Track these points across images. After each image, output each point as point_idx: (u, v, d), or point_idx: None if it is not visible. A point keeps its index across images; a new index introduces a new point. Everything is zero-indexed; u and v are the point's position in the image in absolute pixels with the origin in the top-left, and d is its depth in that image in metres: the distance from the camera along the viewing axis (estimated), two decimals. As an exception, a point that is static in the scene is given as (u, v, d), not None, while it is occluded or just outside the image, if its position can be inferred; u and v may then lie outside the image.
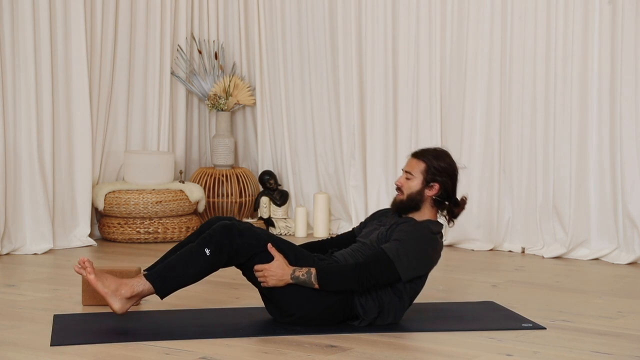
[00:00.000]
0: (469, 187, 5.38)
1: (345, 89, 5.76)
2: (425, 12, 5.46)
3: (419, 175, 3.42)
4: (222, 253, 3.21)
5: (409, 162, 3.47)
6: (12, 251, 5.02)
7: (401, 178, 3.46)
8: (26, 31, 5.06)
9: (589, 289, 4.26)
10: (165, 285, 3.24)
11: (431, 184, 3.42)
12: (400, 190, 3.45)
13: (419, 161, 3.44)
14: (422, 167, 3.43)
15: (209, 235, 3.23)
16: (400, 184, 3.45)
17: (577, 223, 5.02)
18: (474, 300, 3.92)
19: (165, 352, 3.03)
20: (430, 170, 3.42)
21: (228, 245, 3.21)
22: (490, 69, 5.29)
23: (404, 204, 3.44)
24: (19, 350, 3.04)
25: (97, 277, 3.23)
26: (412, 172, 3.43)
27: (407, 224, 3.38)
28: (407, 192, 3.43)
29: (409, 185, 3.43)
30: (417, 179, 3.42)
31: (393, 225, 3.40)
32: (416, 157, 3.46)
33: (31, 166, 5.11)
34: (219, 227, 3.24)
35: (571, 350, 3.10)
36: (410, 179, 3.43)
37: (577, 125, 5.01)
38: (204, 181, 5.92)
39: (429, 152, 3.47)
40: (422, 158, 3.44)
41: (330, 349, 3.08)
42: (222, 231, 3.22)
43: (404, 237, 3.31)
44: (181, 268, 3.21)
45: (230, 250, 3.22)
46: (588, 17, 4.96)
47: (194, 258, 3.21)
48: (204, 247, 3.20)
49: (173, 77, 5.93)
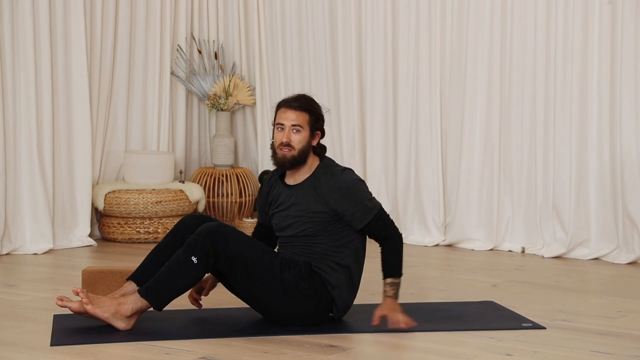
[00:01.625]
0: (469, 187, 5.39)
1: (345, 89, 5.76)
2: (425, 12, 5.46)
3: (306, 126, 3.36)
4: (209, 258, 3.21)
5: (289, 114, 3.34)
6: (12, 251, 5.02)
7: (288, 133, 3.34)
8: (26, 32, 5.06)
9: (588, 289, 4.26)
10: (159, 299, 3.24)
11: (315, 132, 3.40)
12: (289, 146, 3.34)
13: (302, 112, 3.35)
14: (305, 118, 3.36)
15: (193, 242, 3.20)
16: (289, 139, 3.34)
17: (577, 223, 5.02)
18: (474, 300, 3.92)
19: (165, 352, 3.03)
20: (313, 119, 3.38)
21: (212, 251, 3.20)
22: (490, 69, 5.29)
23: (295, 159, 3.35)
24: (19, 350, 3.04)
25: (93, 305, 3.22)
26: (301, 124, 3.35)
27: (335, 188, 3.32)
28: (298, 146, 3.34)
29: (299, 139, 3.35)
30: (305, 131, 3.36)
31: (316, 197, 3.33)
32: (296, 108, 3.35)
33: (31, 166, 5.11)
34: (203, 231, 3.21)
35: (571, 350, 3.10)
36: (299, 131, 3.35)
37: (577, 124, 5.01)
38: (203, 181, 5.92)
39: (305, 101, 3.38)
40: (304, 108, 3.36)
41: (330, 349, 3.08)
42: (205, 235, 3.20)
43: (358, 201, 3.32)
44: (172, 280, 3.21)
45: (215, 255, 3.21)
46: (588, 16, 4.96)
47: (182, 268, 3.20)
48: (190, 256, 3.19)
49: (173, 77, 5.93)
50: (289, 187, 3.44)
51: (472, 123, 5.36)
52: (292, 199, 3.40)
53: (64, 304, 3.26)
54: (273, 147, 3.40)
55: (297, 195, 3.39)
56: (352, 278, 3.39)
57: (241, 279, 3.26)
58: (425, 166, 5.53)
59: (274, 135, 3.41)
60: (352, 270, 3.39)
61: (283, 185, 3.46)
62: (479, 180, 5.36)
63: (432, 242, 5.47)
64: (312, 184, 3.38)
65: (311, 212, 3.35)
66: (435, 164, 5.49)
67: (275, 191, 3.47)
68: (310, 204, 3.36)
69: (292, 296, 3.28)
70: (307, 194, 3.37)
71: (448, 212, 5.50)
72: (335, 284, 3.35)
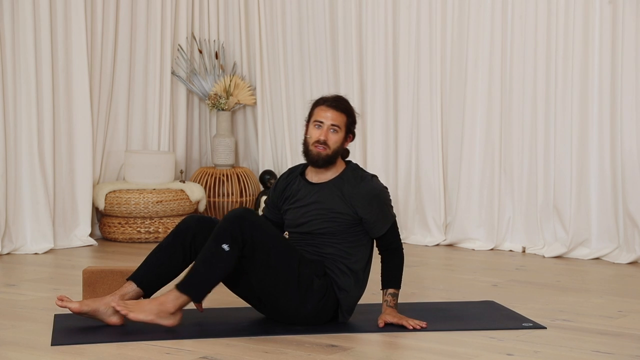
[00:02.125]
0: (470, 187, 5.39)
1: (346, 88, 5.75)
2: (426, 11, 5.46)
3: (343, 128, 3.38)
4: (238, 244, 3.19)
5: (329, 113, 3.36)
6: (12, 251, 5.02)
7: (326, 132, 3.35)
8: (27, 31, 5.06)
9: (589, 289, 4.26)
10: (198, 292, 3.23)
11: (349, 135, 3.42)
12: (325, 145, 3.35)
13: (341, 114, 3.37)
14: (344, 120, 3.38)
15: (222, 229, 3.19)
16: (326, 137, 3.35)
17: (578, 222, 5.02)
18: (474, 299, 3.92)
19: (165, 352, 3.03)
20: (350, 121, 3.40)
21: (240, 237, 3.19)
22: (491, 68, 5.29)
23: (330, 158, 3.37)
24: (20, 350, 3.04)
25: (134, 312, 3.22)
26: (339, 125, 3.37)
27: (364, 193, 3.34)
28: (333, 146, 3.36)
29: (335, 139, 3.37)
30: (342, 132, 3.38)
31: (341, 198, 3.35)
32: (336, 108, 3.37)
33: (32, 165, 5.11)
34: (231, 217, 3.21)
35: (572, 350, 3.10)
36: (336, 132, 3.37)
37: (578, 124, 5.01)
38: (204, 181, 5.92)
39: (345, 103, 3.41)
40: (343, 110, 3.38)
41: (330, 349, 3.08)
42: (233, 222, 3.19)
43: (383, 209, 3.37)
44: (207, 271, 3.20)
45: (242, 241, 3.20)
46: (589, 16, 4.96)
47: (215, 258, 3.19)
48: (221, 244, 3.18)
49: (174, 76, 5.93)
50: (311, 184, 3.44)
51: (473, 123, 5.36)
52: (315, 196, 3.40)
53: (64, 304, 3.26)
54: (306, 143, 3.40)
55: (321, 193, 3.39)
56: (358, 283, 3.39)
57: (259, 268, 3.24)
58: (426, 166, 5.53)
59: (308, 131, 3.41)
60: (360, 276, 3.39)
61: (305, 181, 3.46)
62: (480, 180, 5.36)
63: (433, 242, 5.47)
64: (338, 185, 3.39)
65: (334, 212, 3.36)
66: (436, 164, 5.49)
67: (295, 187, 3.46)
68: (334, 203, 3.36)
69: (303, 292, 3.28)
70: (332, 194, 3.38)
71: (449, 212, 5.50)
72: (343, 287, 3.35)
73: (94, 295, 3.71)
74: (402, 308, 3.47)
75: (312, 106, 3.44)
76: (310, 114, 3.43)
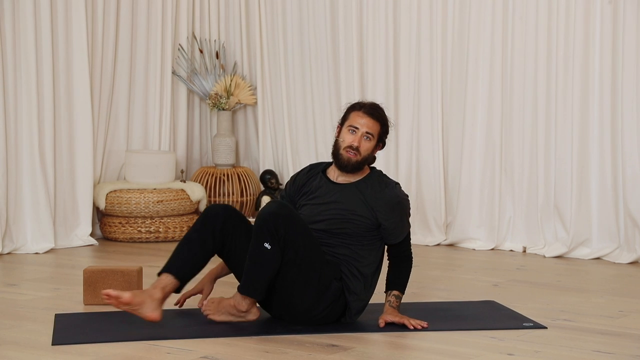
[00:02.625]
0: (471, 187, 5.39)
1: (347, 88, 5.76)
2: (427, 11, 5.46)
3: (376, 136, 3.40)
4: (279, 240, 3.20)
5: (366, 120, 3.38)
6: (13, 250, 5.02)
7: (360, 138, 3.37)
8: (27, 31, 5.06)
9: (590, 289, 4.26)
10: (256, 292, 3.26)
11: (379, 144, 3.43)
12: (357, 151, 3.37)
13: (376, 122, 3.39)
14: (378, 128, 3.40)
15: (259, 228, 3.19)
16: (359, 144, 3.37)
17: (579, 222, 5.02)
18: (475, 299, 3.92)
19: (166, 352, 3.03)
20: (383, 131, 3.42)
21: (275, 233, 3.20)
22: (492, 69, 5.29)
23: (359, 164, 3.39)
24: (20, 350, 3.04)
25: (216, 314, 3.30)
26: (373, 133, 3.39)
27: (387, 200, 3.37)
28: (364, 153, 3.38)
29: (367, 146, 3.39)
30: (374, 140, 3.40)
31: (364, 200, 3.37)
32: (373, 117, 3.39)
33: (32, 165, 5.11)
34: (266, 215, 3.20)
35: (572, 350, 3.10)
36: (370, 139, 3.39)
37: (579, 124, 5.01)
38: (205, 180, 5.92)
39: (381, 112, 3.42)
40: (378, 119, 3.40)
41: (331, 348, 3.08)
42: (269, 219, 3.19)
43: (403, 218, 3.42)
44: (257, 271, 3.22)
45: (279, 237, 3.21)
46: (589, 16, 4.96)
47: (260, 257, 3.21)
48: (263, 243, 3.19)
49: (174, 76, 5.93)
50: (333, 183, 3.44)
51: (474, 122, 5.36)
52: (336, 196, 3.40)
53: (114, 296, 3.20)
54: (337, 146, 3.40)
55: (343, 194, 3.40)
56: (367, 287, 3.40)
57: (284, 264, 3.24)
58: (427, 166, 5.53)
59: (340, 134, 3.41)
60: (369, 280, 3.40)
61: (326, 179, 3.46)
62: (480, 180, 5.36)
63: (434, 241, 5.47)
64: (361, 188, 3.40)
65: (355, 214, 3.36)
66: (437, 164, 5.49)
67: (315, 183, 3.47)
68: (356, 205, 3.37)
69: (320, 294, 3.28)
70: (355, 196, 3.39)
71: (449, 212, 5.50)
72: (353, 290, 3.35)
73: (94, 294, 3.71)
74: (403, 308, 3.47)
75: (347, 109, 3.45)
76: (345, 117, 3.43)
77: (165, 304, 3.61)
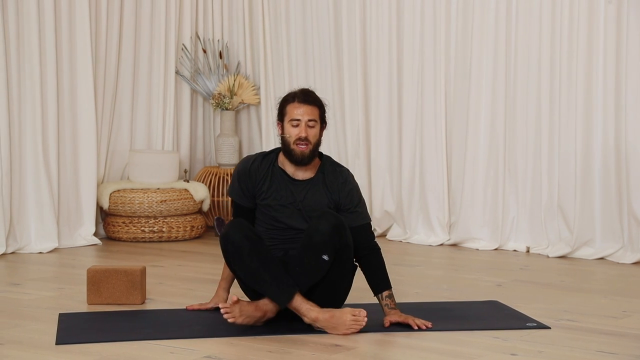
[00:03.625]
0: (474, 187, 5.39)
1: (350, 88, 5.76)
2: (430, 11, 5.46)
3: (318, 120, 3.42)
4: (336, 251, 3.28)
5: (303, 109, 3.37)
6: (17, 250, 5.03)
7: (305, 128, 3.37)
8: (31, 31, 5.06)
9: (593, 289, 4.25)
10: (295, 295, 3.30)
11: (323, 124, 3.45)
12: (307, 141, 3.37)
13: (314, 107, 3.40)
14: (317, 112, 3.41)
15: (323, 243, 3.24)
16: (307, 134, 3.37)
17: (582, 222, 5.02)
18: (478, 299, 3.91)
19: (169, 351, 3.03)
20: (322, 112, 3.44)
21: (337, 244, 3.27)
22: (495, 68, 5.29)
23: (313, 153, 3.41)
24: (24, 349, 3.05)
25: (240, 319, 3.26)
26: (314, 118, 3.39)
27: (347, 182, 3.44)
28: (313, 140, 3.40)
29: (314, 133, 3.40)
30: (318, 124, 3.41)
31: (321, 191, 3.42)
32: (309, 103, 3.39)
33: (36, 165, 5.12)
34: (329, 229, 3.24)
35: (576, 350, 3.10)
36: (314, 126, 3.39)
37: (582, 124, 5.01)
38: (208, 180, 5.92)
39: (313, 95, 3.43)
40: (314, 102, 3.41)
41: (334, 348, 3.08)
42: (333, 234, 3.25)
43: (360, 200, 3.47)
44: (310, 280, 3.29)
45: (338, 248, 3.28)
46: (593, 15, 4.95)
47: (316, 268, 3.27)
48: (321, 255, 3.25)
49: (178, 76, 5.94)
50: (297, 181, 3.45)
51: (477, 122, 5.35)
52: (308, 195, 3.42)
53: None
54: (286, 142, 3.40)
55: (312, 191, 3.43)
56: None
57: (330, 270, 3.30)
58: (430, 165, 5.53)
59: (284, 130, 3.41)
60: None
61: (287, 178, 3.45)
62: (484, 180, 5.36)
63: (437, 241, 5.46)
64: (322, 179, 3.46)
65: (326, 208, 3.41)
66: (440, 163, 5.49)
67: (276, 182, 3.44)
68: (324, 198, 3.43)
69: (342, 301, 3.45)
70: (320, 189, 3.44)
71: (453, 212, 5.50)
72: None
73: (98, 294, 3.71)
74: (405, 308, 3.47)
75: (281, 104, 3.45)
76: (282, 112, 3.43)
77: (169, 304, 3.62)
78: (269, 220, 3.45)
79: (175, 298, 3.87)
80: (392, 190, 5.68)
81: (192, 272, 4.51)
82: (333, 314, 3.25)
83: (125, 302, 3.71)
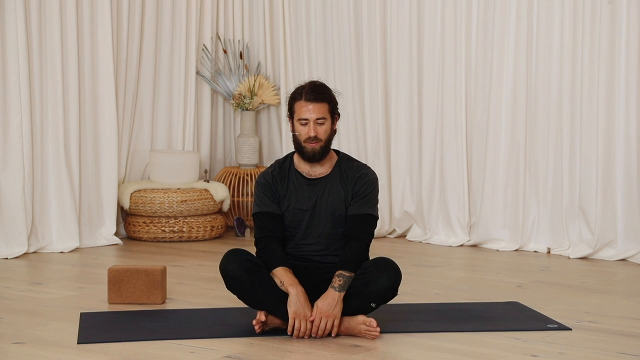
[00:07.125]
0: (495, 187, 5.37)
1: (370, 88, 5.75)
2: (451, 11, 5.45)
3: (328, 116, 3.37)
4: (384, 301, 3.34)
5: (310, 107, 3.33)
6: (39, 249, 5.06)
7: (314, 127, 3.33)
8: (53, 32, 5.10)
9: (615, 290, 4.23)
10: None
11: (334, 117, 3.41)
12: (317, 139, 3.34)
13: (322, 104, 3.35)
14: (326, 108, 3.36)
15: (375, 295, 3.24)
16: (316, 132, 3.34)
17: (603, 223, 4.99)
18: (499, 300, 3.90)
19: (190, 351, 3.04)
20: (332, 106, 3.39)
21: (390, 297, 3.32)
22: (516, 69, 5.26)
23: (324, 149, 3.38)
24: (46, 348, 3.07)
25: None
26: (323, 116, 3.36)
27: (363, 180, 3.39)
28: (324, 137, 3.36)
29: (324, 129, 3.36)
30: (328, 120, 3.37)
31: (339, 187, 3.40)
32: (316, 100, 3.33)
33: (58, 165, 5.16)
34: (389, 285, 3.25)
35: (597, 352, 3.08)
36: (323, 123, 3.36)
37: (604, 125, 4.98)
38: (228, 180, 5.93)
39: (321, 90, 3.38)
40: (323, 99, 3.36)
41: (354, 349, 3.08)
42: (389, 289, 3.26)
43: (371, 193, 3.38)
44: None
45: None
46: (615, 16, 4.92)
47: (362, 309, 3.26)
48: (370, 302, 3.25)
49: (198, 76, 5.96)
50: (313, 181, 3.42)
51: (498, 123, 5.34)
52: (324, 194, 3.38)
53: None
54: (297, 140, 3.38)
55: (328, 189, 3.38)
56: None
57: None
58: (450, 166, 5.52)
59: (295, 128, 3.38)
60: None
61: (304, 180, 3.42)
62: (504, 181, 5.34)
63: (457, 242, 5.45)
64: (338, 175, 3.41)
65: (341, 214, 3.37)
66: (461, 164, 5.47)
67: (292, 187, 3.41)
68: (340, 194, 3.38)
69: None
70: (337, 184, 3.39)
71: (473, 212, 5.48)
72: None
73: (119, 294, 3.73)
74: (427, 309, 3.46)
75: (289, 101, 3.40)
76: (291, 110, 3.39)
77: (190, 304, 3.63)
78: (288, 224, 3.40)
79: (195, 298, 3.88)
80: (412, 191, 5.67)
81: (212, 272, 4.53)
82: (347, 324, 3.24)
83: (146, 301, 3.73)
